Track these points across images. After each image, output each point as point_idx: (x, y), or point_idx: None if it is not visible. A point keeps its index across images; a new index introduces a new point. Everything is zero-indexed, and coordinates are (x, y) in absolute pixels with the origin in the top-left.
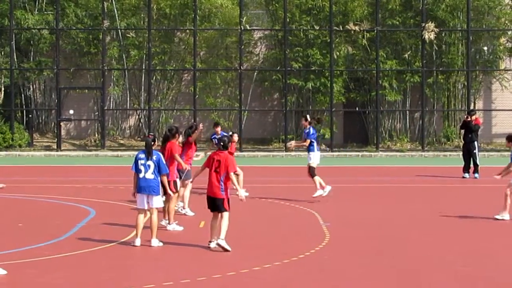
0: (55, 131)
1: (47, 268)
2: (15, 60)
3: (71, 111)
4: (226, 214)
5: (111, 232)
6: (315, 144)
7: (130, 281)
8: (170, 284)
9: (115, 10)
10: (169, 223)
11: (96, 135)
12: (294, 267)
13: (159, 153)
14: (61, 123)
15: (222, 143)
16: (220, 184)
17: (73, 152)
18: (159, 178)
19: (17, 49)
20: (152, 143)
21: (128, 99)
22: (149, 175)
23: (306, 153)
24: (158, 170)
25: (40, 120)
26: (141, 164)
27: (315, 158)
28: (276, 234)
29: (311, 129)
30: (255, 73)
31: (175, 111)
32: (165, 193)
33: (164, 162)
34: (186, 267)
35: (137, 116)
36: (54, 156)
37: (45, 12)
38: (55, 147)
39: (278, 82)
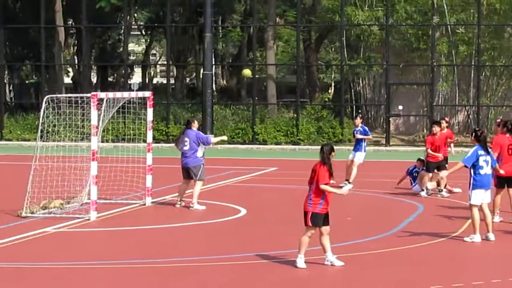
0: (384, 126)
1: (373, 263)
2: (345, 56)
3: (400, 107)
4: None
5: (440, 227)
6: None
7: (438, 278)
8: (479, 283)
9: (445, 5)
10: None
11: (425, 131)
12: None
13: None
14: (390, 119)
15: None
16: None
17: (402, 148)
18: None
19: (347, 45)
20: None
21: (457, 95)
22: (489, 170)
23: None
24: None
25: (370, 115)
26: (483, 161)
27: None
28: None
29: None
30: None
31: (504, 107)
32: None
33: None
34: (502, 266)
35: (465, 112)
36: (383, 151)
37: (375, 8)
38: (384, 142)
39: None
